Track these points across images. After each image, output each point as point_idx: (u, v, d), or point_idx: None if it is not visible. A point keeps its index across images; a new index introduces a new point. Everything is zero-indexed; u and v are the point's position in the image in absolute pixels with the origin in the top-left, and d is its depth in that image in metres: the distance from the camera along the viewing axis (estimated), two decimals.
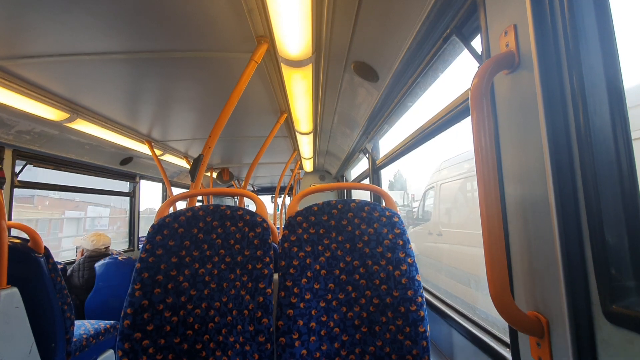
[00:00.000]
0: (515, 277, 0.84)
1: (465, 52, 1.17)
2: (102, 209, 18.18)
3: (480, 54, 1.04)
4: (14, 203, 2.73)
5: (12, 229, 2.05)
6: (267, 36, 1.67)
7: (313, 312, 1.24)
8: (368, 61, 1.82)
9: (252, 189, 9.11)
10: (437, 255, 5.67)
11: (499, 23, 0.87)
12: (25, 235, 1.76)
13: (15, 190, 2.76)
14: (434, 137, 1.75)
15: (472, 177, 4.58)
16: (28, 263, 1.68)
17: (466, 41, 1.15)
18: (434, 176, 6.15)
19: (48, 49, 1.68)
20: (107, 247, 3.20)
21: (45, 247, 1.76)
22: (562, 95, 0.71)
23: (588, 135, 0.64)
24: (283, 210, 7.46)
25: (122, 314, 1.21)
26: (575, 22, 0.67)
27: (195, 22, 1.53)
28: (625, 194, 0.63)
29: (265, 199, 9.98)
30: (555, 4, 0.72)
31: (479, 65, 1.06)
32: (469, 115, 0.78)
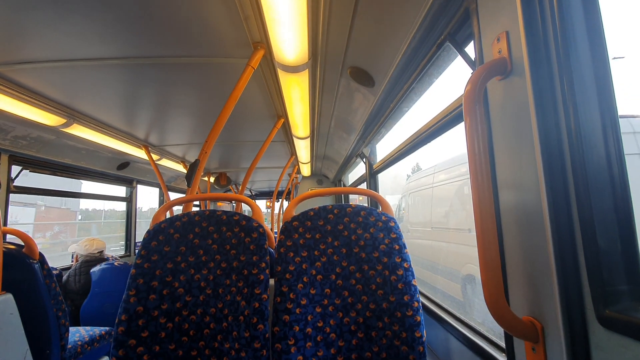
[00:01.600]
0: (510, 282, 0.85)
1: (459, 58, 1.18)
2: (18, 210, 11.24)
3: (473, 60, 1.05)
4: None
5: (7, 235, 2.03)
6: (263, 42, 1.68)
7: (309, 318, 1.24)
8: (364, 67, 1.84)
9: (250, 193, 9.09)
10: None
11: (492, 30, 0.88)
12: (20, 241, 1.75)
13: None
14: (429, 141, 1.76)
15: (429, 189, 6.14)
16: (23, 269, 1.67)
17: (459, 47, 1.16)
18: (405, 187, 7.75)
19: (45, 54, 1.69)
20: (101, 252, 3.17)
21: (40, 253, 1.75)
22: (553, 101, 0.72)
23: (579, 141, 0.65)
24: (280, 215, 7.45)
25: (116, 321, 1.21)
26: (566, 28, 0.68)
27: (192, 28, 1.54)
28: (617, 198, 0.63)
29: (264, 204, 9.98)
30: (546, 10, 0.73)
31: (472, 71, 1.06)
32: (463, 120, 0.79)
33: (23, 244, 1.72)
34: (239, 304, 1.22)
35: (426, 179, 6.36)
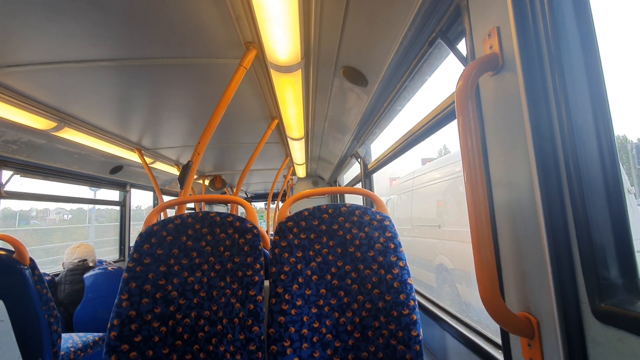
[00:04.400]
0: (505, 278, 0.84)
1: (451, 55, 1.18)
2: None
3: (465, 57, 1.05)
4: None
5: None
6: (255, 42, 1.67)
7: (305, 319, 1.23)
8: (357, 66, 1.83)
9: (245, 196, 9.06)
10: None
11: (483, 26, 0.88)
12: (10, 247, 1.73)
13: None
14: (423, 140, 1.76)
15: (406, 194, 7.06)
16: (13, 275, 1.64)
17: (451, 44, 1.16)
18: (390, 189, 8.61)
19: (34, 57, 1.66)
20: (84, 260, 3.05)
21: (31, 259, 1.72)
22: (545, 95, 0.71)
23: (571, 135, 0.65)
24: (276, 217, 7.43)
25: (108, 326, 1.19)
26: (556, 23, 0.68)
27: (182, 29, 1.52)
28: (610, 192, 0.63)
29: (259, 206, 9.95)
30: (536, 6, 0.73)
31: (464, 68, 1.06)
32: (456, 118, 0.78)
33: (13, 249, 1.70)
34: (234, 306, 1.21)
35: (407, 183, 7.17)
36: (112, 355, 1.15)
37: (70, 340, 2.18)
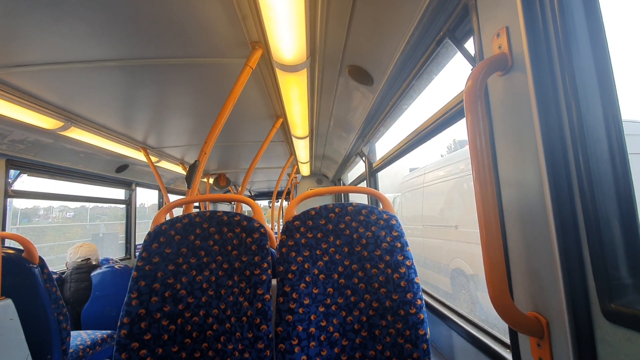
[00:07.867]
0: (514, 278, 0.84)
1: (459, 54, 1.18)
2: None
3: (473, 56, 1.04)
4: None
5: (6, 240, 2.02)
6: (261, 42, 1.67)
7: (312, 317, 1.24)
8: (363, 65, 1.83)
9: (249, 194, 9.09)
10: None
11: (491, 25, 0.88)
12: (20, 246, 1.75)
13: None
14: (430, 139, 1.76)
15: (415, 191, 6.83)
16: (22, 274, 1.66)
17: (459, 44, 1.15)
18: (399, 186, 8.61)
19: (41, 57, 1.67)
20: (87, 259, 3.07)
21: (40, 258, 1.74)
22: (555, 96, 0.71)
23: (582, 135, 0.65)
24: (280, 215, 7.45)
25: (118, 324, 1.20)
26: (566, 23, 0.67)
27: (189, 29, 1.53)
28: (620, 192, 0.63)
29: (263, 204, 9.97)
30: (546, 5, 0.72)
31: (472, 67, 1.06)
32: (464, 117, 0.78)
33: (22, 248, 1.72)
34: (242, 304, 1.22)
35: (410, 182, 7.05)
36: (123, 353, 1.16)
37: (79, 337, 2.21)
